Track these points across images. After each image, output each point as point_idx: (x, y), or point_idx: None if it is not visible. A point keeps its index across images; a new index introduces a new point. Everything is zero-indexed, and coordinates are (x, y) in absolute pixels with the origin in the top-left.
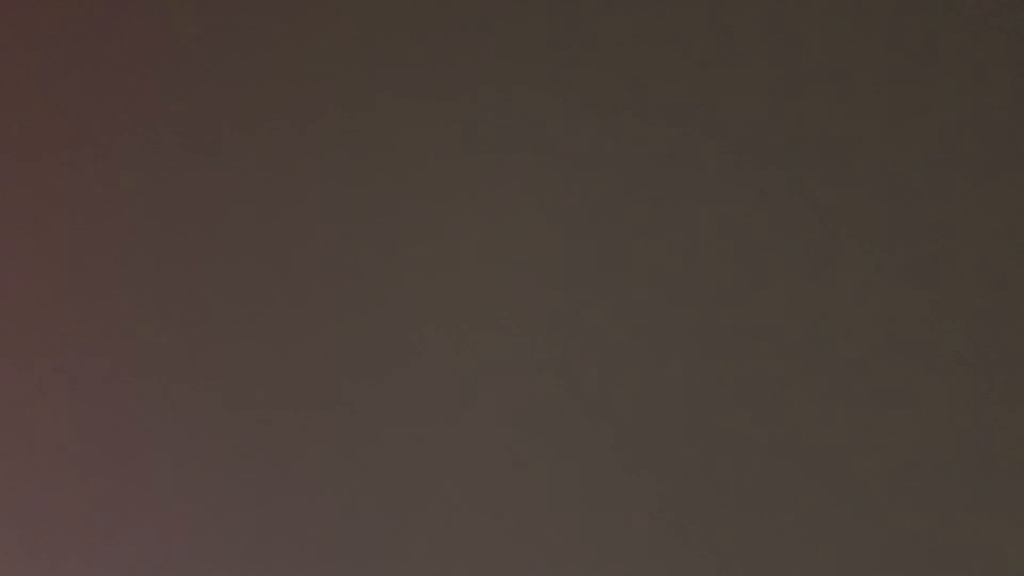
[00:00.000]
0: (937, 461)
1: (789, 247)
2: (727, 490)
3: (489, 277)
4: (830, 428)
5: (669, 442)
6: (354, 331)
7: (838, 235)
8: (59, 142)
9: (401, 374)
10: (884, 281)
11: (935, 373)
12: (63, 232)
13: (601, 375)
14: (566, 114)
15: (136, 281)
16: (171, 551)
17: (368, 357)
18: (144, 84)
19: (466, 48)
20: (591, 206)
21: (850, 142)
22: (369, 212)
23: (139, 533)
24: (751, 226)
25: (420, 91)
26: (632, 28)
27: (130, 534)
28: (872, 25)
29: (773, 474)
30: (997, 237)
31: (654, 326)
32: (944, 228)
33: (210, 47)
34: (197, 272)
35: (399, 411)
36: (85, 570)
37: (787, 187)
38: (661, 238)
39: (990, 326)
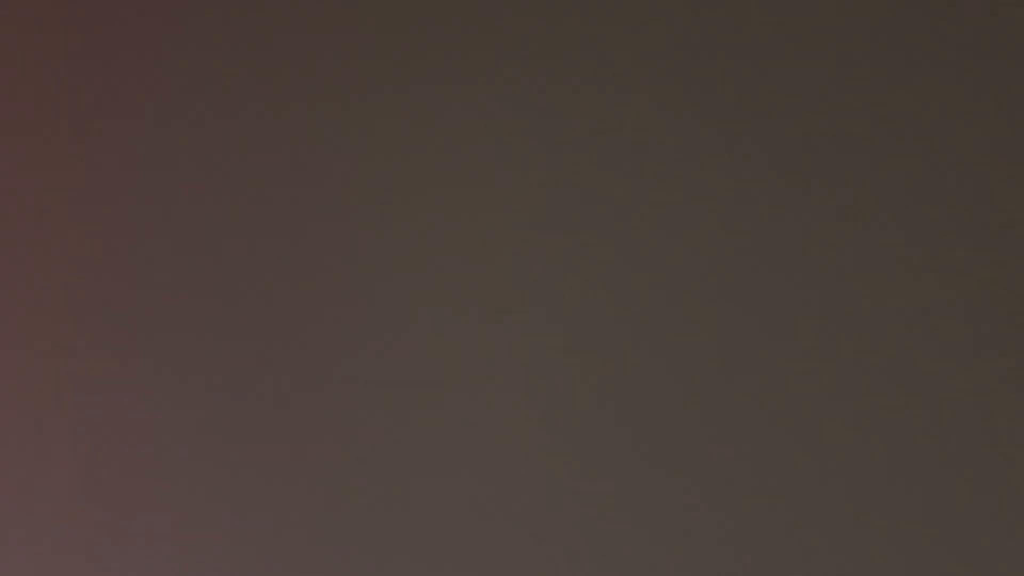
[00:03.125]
0: (952, 462)
1: (809, 245)
2: (739, 489)
3: (493, 270)
4: (851, 429)
5: (673, 437)
6: (357, 327)
7: (852, 232)
8: (60, 139)
9: (406, 369)
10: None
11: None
12: (63, 228)
13: (609, 371)
14: (570, 109)
15: (134, 276)
16: (171, 549)
17: (372, 353)
18: (141, 80)
19: (470, 42)
20: (595, 201)
21: (858, 137)
22: (371, 208)
23: (139, 531)
24: (764, 224)
25: (418, 83)
26: (637, 23)
27: (130, 532)
28: (879, 18)
29: (792, 470)
30: (1005, 236)
31: (662, 322)
32: (951, 225)
33: (211, 42)
34: (196, 267)
35: (404, 409)
36: (86, 569)
37: (809, 183)
38: (668, 233)
39: (997, 324)
